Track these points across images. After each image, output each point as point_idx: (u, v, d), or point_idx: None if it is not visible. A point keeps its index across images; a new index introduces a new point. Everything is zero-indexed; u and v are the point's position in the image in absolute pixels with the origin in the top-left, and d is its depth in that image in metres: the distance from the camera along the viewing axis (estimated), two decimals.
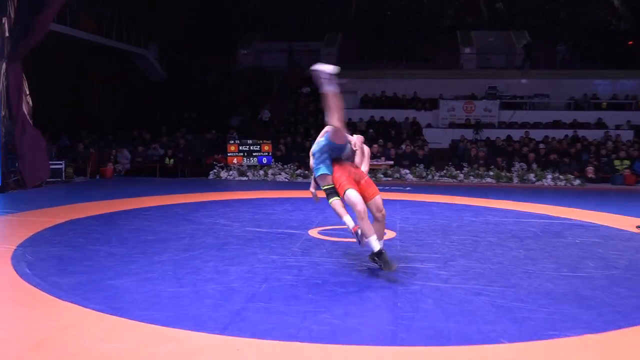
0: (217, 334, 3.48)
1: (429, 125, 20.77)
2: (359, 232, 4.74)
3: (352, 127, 20.42)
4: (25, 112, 11.65)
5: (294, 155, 16.98)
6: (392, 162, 15.75)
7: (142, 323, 3.64)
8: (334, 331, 3.57)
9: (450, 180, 14.87)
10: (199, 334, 3.49)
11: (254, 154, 15.95)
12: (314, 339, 3.44)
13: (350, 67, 24.36)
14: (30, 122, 11.78)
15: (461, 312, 3.94)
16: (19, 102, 11.47)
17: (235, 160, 15.82)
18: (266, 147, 16.04)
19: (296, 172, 15.22)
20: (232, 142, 16.20)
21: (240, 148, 16.01)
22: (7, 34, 11.02)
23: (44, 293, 4.27)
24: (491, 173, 14.92)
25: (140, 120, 21.50)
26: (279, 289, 4.52)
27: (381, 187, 12.95)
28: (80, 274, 4.87)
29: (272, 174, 15.14)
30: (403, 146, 17.47)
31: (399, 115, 20.96)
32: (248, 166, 15.65)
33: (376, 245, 4.74)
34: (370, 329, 3.63)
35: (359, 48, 25.58)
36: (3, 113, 11.12)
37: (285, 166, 15.49)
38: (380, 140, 17.99)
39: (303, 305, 4.05)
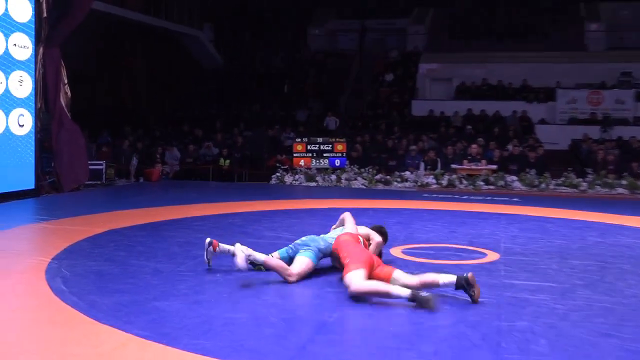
0: None
1: (542, 121, 20.21)
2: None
3: (446, 122, 20.21)
4: (63, 104, 12.23)
5: (373, 156, 16.99)
6: (495, 167, 15.43)
7: (190, 354, 3.73)
8: None
9: (570, 190, 14.39)
10: None
11: (324, 154, 16.07)
12: None
13: (443, 49, 24.17)
14: (69, 115, 12.36)
15: (585, 358, 3.79)
16: (57, 92, 12.05)
17: (302, 162, 15.99)
18: (339, 147, 16.11)
19: (375, 177, 15.20)
20: (299, 140, 16.37)
21: (309, 148, 16.14)
22: (44, 14, 11.60)
23: (81, 314, 4.46)
24: (624, 182, 14.29)
25: (191, 115, 22.23)
26: (354, 319, 4.51)
27: (481, 198, 12.84)
28: (122, 292, 5.05)
29: (346, 179, 15.19)
30: (509, 147, 17.07)
31: (505, 108, 20.54)
32: (317, 169, 15.78)
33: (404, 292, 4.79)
34: None
35: (453, 25, 25.30)
36: (39, 105, 11.67)
37: (363, 170, 15.49)
38: (481, 139, 17.68)
39: (383, 340, 4.03)
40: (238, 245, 5.50)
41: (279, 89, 23.28)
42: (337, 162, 16.01)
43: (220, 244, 5.83)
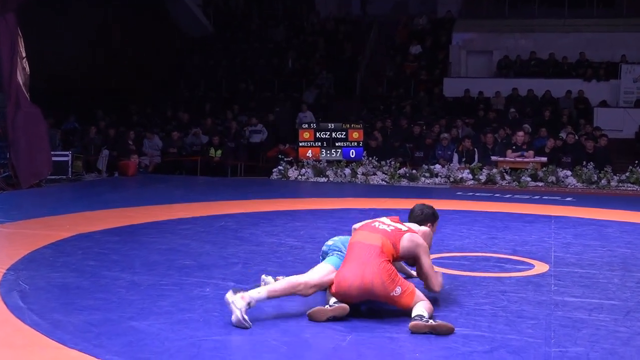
0: None
1: (603, 104, 20.14)
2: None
3: (485, 105, 20.18)
4: (21, 82, 12.27)
5: (395, 146, 17.00)
6: (545, 159, 15.40)
7: None
8: None
9: (636, 187, 14.34)
10: None
11: (336, 143, 16.09)
12: None
13: (482, 14, 24.06)
14: (27, 95, 12.40)
15: None
16: (12, 67, 12.08)
17: (309, 153, 16.02)
18: (355, 135, 16.13)
19: (399, 171, 15.20)
20: (305, 126, 16.38)
21: (317, 135, 16.15)
22: None
23: (43, 336, 4.49)
24: None
25: (175, 95, 22.24)
26: (371, 343, 4.53)
27: (527, 197, 12.83)
28: (92, 310, 5.08)
29: (362, 174, 15.20)
30: (563, 134, 17.04)
31: (557, 87, 20.48)
32: (328, 162, 15.79)
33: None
34: None
35: None
36: None
37: (383, 163, 15.50)
38: (527, 125, 17.63)
39: None
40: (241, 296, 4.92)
41: (281, 64, 23.26)
42: (352, 153, 16.04)
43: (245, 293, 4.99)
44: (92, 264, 6.57)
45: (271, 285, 5.21)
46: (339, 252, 5.40)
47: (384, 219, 5.39)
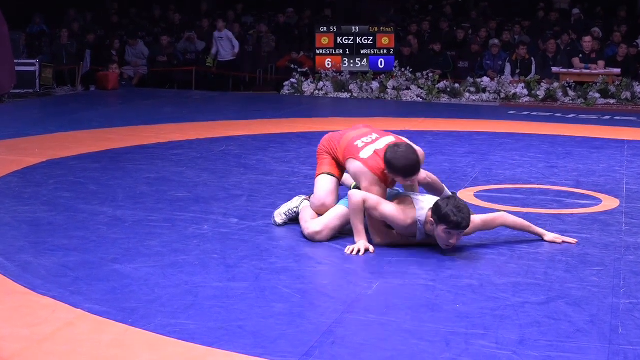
0: None
1: None
2: None
3: (546, 3, 19.83)
4: None
5: (434, 54, 16.80)
6: (618, 71, 15.21)
7: (166, 338, 3.79)
8: None
9: None
10: None
11: (362, 51, 15.96)
12: None
13: None
14: None
15: None
16: None
17: (328, 63, 15.91)
18: (385, 40, 16.00)
19: (438, 85, 15.09)
20: (324, 29, 16.20)
21: (339, 41, 16.02)
22: None
23: (9, 280, 4.54)
24: None
25: None
26: (402, 292, 4.56)
27: (595, 117, 12.74)
28: (67, 251, 5.13)
29: (393, 88, 15.12)
30: None
31: None
32: (351, 74, 15.69)
33: None
34: None
35: None
36: None
37: (418, 74, 15.39)
38: (596, 28, 17.37)
39: (444, 322, 4.07)
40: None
41: None
42: (381, 63, 15.93)
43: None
44: (66, 196, 6.61)
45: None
46: None
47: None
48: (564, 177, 7.91)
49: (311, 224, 5.47)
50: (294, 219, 5.78)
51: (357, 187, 5.47)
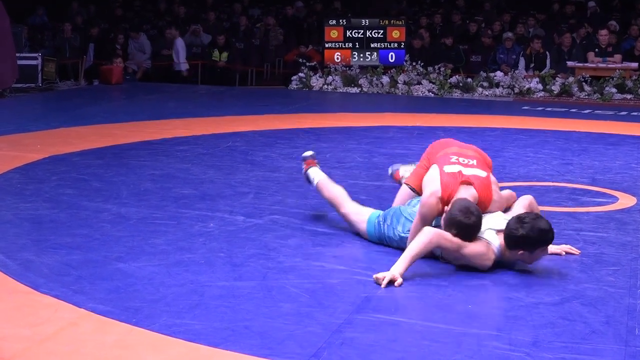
0: None
1: None
2: None
3: None
4: None
5: (446, 48, 16.76)
6: (635, 65, 15.17)
7: (171, 338, 3.80)
8: None
9: None
10: None
11: (372, 45, 15.93)
12: None
13: None
14: None
15: None
16: None
17: (337, 57, 15.89)
18: (396, 34, 15.96)
19: (450, 80, 15.07)
20: (333, 22, 16.16)
21: (348, 34, 16.00)
22: None
23: (11, 279, 4.55)
24: None
25: None
26: (412, 292, 4.56)
27: (612, 113, 12.70)
28: (70, 249, 5.14)
29: (404, 83, 15.10)
30: None
31: None
32: (361, 68, 15.69)
33: None
34: None
35: None
36: None
37: (430, 69, 15.36)
38: (613, 22, 17.32)
39: (457, 322, 4.07)
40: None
41: None
42: (392, 57, 15.90)
43: (314, 168, 6.10)
44: (69, 193, 6.63)
45: (325, 180, 5.87)
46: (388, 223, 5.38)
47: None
48: (579, 175, 7.89)
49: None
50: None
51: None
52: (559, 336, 3.94)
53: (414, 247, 4.69)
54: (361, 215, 5.54)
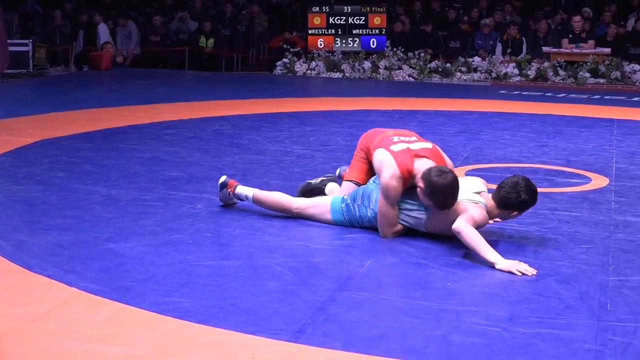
0: (286, 340, 3.61)
1: None
2: None
3: None
4: None
5: (425, 35, 16.74)
6: (608, 50, 15.20)
7: (160, 316, 3.83)
8: (491, 349, 3.61)
9: None
10: (255, 338, 3.61)
11: (354, 31, 15.91)
12: None
13: None
14: None
15: None
16: None
17: (320, 43, 15.87)
18: (377, 20, 15.94)
19: (429, 65, 15.08)
20: (316, 9, 16.11)
21: (331, 20, 15.97)
22: None
23: (3, 259, 4.56)
24: None
25: None
26: (394, 270, 4.58)
27: (585, 97, 12.74)
28: (62, 230, 5.15)
29: (385, 68, 15.10)
30: (631, 19, 16.74)
31: None
32: (343, 53, 15.67)
33: None
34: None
35: None
36: None
37: (410, 54, 15.36)
38: (586, 9, 17.34)
39: (436, 299, 4.10)
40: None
41: None
42: (373, 43, 15.88)
43: (239, 185, 5.72)
44: (60, 175, 6.63)
45: (259, 191, 5.59)
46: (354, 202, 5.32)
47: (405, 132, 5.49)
48: (554, 156, 7.93)
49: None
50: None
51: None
52: (535, 312, 3.97)
53: (479, 240, 4.66)
54: (319, 206, 5.45)
